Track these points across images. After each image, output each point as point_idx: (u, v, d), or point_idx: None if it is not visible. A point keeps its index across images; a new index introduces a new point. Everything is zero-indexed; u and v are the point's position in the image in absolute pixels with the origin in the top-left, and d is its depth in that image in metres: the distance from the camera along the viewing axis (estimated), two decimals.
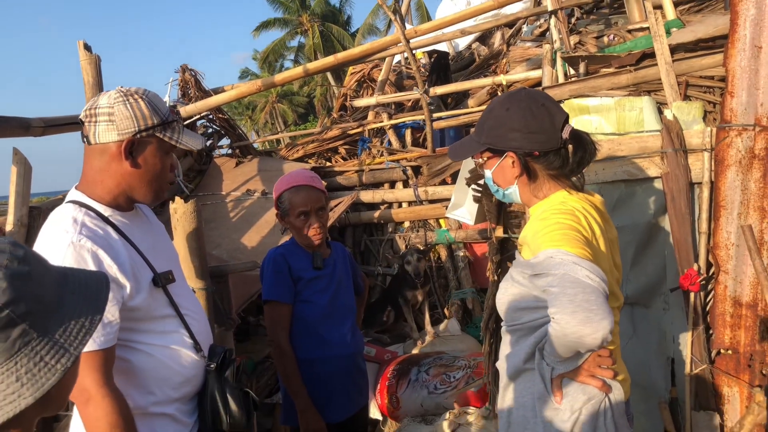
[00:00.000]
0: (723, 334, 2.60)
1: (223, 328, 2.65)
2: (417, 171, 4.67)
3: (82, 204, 1.51)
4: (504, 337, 1.75)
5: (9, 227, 2.94)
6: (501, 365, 1.75)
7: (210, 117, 5.47)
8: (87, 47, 3.37)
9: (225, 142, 5.76)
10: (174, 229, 2.40)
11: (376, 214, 4.72)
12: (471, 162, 3.10)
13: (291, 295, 2.30)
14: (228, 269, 2.88)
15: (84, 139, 1.52)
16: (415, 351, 3.78)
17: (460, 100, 5.54)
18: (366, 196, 4.74)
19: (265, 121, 38.15)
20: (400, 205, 4.71)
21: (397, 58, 6.12)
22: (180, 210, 2.39)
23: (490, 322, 2.76)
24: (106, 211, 1.52)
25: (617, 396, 1.57)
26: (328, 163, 5.29)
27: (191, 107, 4.85)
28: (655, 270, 2.74)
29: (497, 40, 6.29)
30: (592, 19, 4.76)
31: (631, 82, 2.88)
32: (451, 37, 5.49)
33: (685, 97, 2.76)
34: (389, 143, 5.09)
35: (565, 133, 1.61)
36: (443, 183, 4.51)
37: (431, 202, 4.52)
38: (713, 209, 2.61)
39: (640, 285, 2.76)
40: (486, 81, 4.95)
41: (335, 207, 4.41)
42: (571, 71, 3.37)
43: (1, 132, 2.86)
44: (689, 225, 2.63)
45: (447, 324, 4.06)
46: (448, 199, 4.03)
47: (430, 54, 6.40)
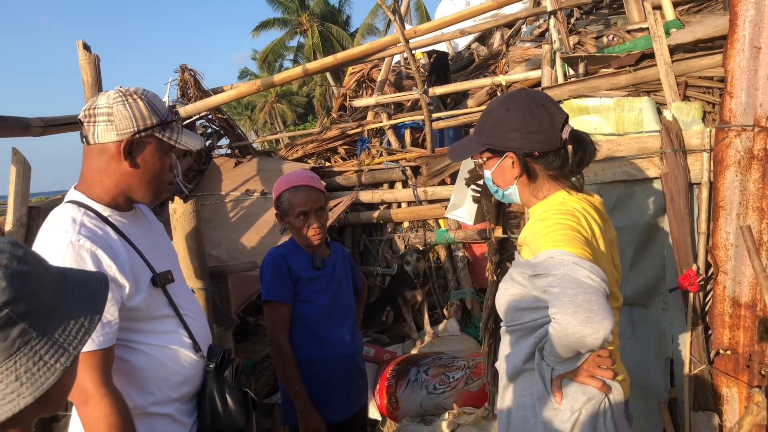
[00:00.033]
0: (722, 334, 2.60)
1: (223, 328, 2.65)
2: (416, 171, 4.67)
3: (81, 204, 1.51)
4: (503, 338, 1.75)
5: (8, 227, 2.94)
6: (500, 365, 1.75)
7: (209, 117, 5.47)
8: (86, 47, 3.37)
9: (224, 142, 5.76)
10: (173, 229, 2.40)
11: (375, 214, 4.72)
12: (470, 162, 3.11)
13: (290, 295, 2.30)
14: (227, 269, 2.87)
15: (83, 139, 1.52)
16: (415, 351, 3.78)
17: (459, 100, 5.54)
18: (365, 196, 4.74)
19: (265, 121, 38.14)
20: (399, 206, 4.71)
21: (397, 58, 6.12)
22: (179, 210, 2.39)
23: (489, 322, 2.76)
24: (105, 211, 1.52)
25: (617, 396, 1.58)
26: (327, 164, 5.29)
27: (191, 107, 4.85)
28: (654, 270, 2.74)
29: (496, 40, 6.29)
30: (591, 20, 4.76)
31: (631, 82, 2.89)
32: (451, 38, 5.50)
33: (685, 98, 2.77)
34: (388, 143, 5.09)
35: (565, 134, 1.61)
36: (442, 183, 4.51)
37: (430, 202, 4.52)
38: (712, 210, 2.62)
39: (639, 285, 2.76)
40: (485, 81, 4.95)
41: (334, 207, 4.41)
42: (571, 72, 3.37)
43: (1, 132, 2.86)
44: (688, 225, 2.63)
45: (446, 324, 4.06)
46: (447, 200, 4.03)
47: (429, 54, 6.39)
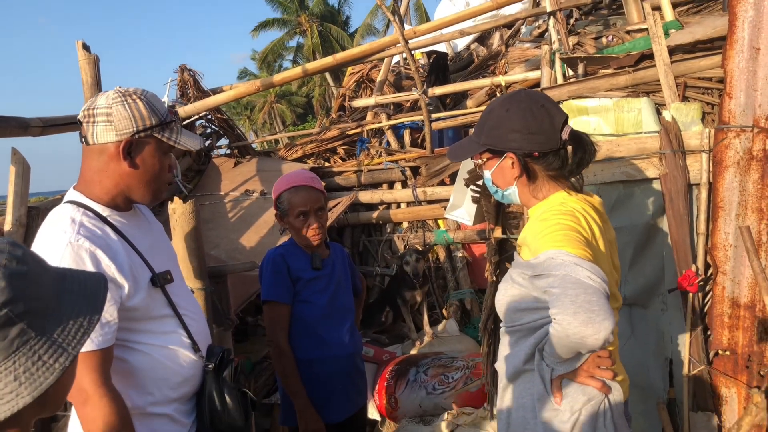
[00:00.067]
0: (721, 335, 2.60)
1: (222, 328, 2.65)
2: (416, 171, 4.67)
3: (80, 204, 1.51)
4: (503, 338, 1.75)
5: (7, 227, 2.94)
6: (500, 366, 1.74)
7: (209, 117, 5.46)
8: (85, 47, 3.36)
9: (223, 142, 5.75)
10: (172, 230, 2.40)
11: (374, 214, 4.72)
12: (470, 163, 3.11)
13: (290, 296, 2.30)
14: (226, 269, 2.87)
15: (82, 140, 1.52)
16: (414, 351, 3.78)
17: (458, 100, 5.54)
18: (364, 196, 4.74)
19: (264, 122, 38.13)
20: (398, 206, 4.71)
21: (396, 58, 6.12)
22: (178, 210, 2.39)
23: (488, 322, 2.76)
24: (104, 212, 1.52)
25: (617, 397, 1.58)
26: (326, 164, 5.29)
27: (190, 107, 4.85)
28: (654, 271, 2.74)
29: (496, 40, 6.29)
30: (590, 20, 4.76)
31: (630, 83, 2.89)
32: (450, 38, 5.50)
33: (684, 99, 2.77)
34: (388, 144, 5.09)
35: (565, 134, 1.61)
36: (442, 184, 4.51)
37: (430, 202, 4.52)
38: (711, 210, 2.62)
39: (638, 286, 2.76)
40: (485, 82, 4.95)
41: (334, 207, 4.41)
42: (570, 72, 3.37)
43: (0, 132, 2.86)
44: (687, 226, 2.63)
45: (445, 324, 4.06)
46: (446, 200, 4.03)
47: (428, 54, 6.39)
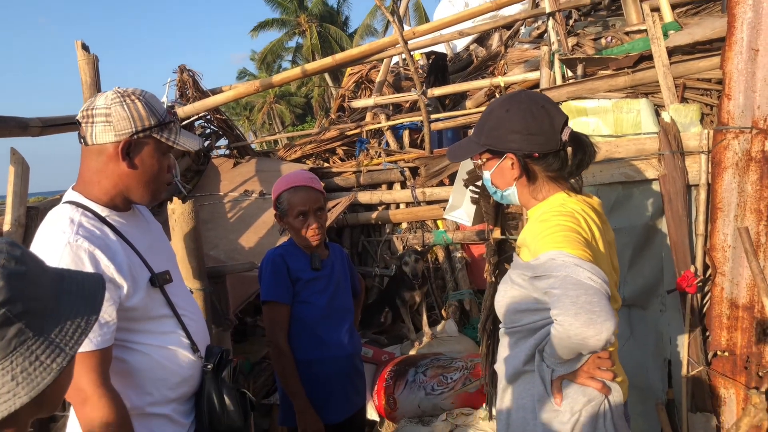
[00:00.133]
0: (720, 335, 2.60)
1: (221, 328, 2.65)
2: (415, 172, 4.67)
3: (79, 204, 1.51)
4: (502, 339, 1.75)
5: (6, 227, 2.93)
6: (500, 367, 1.74)
7: (208, 117, 5.46)
8: (85, 47, 3.36)
9: (223, 142, 5.75)
10: (171, 230, 2.40)
11: (373, 215, 4.72)
12: (469, 163, 3.11)
13: (289, 296, 2.30)
14: (225, 270, 2.87)
15: (81, 140, 1.52)
16: (413, 352, 3.78)
17: (457, 101, 5.54)
18: (364, 197, 4.74)
19: (263, 122, 38.12)
20: (397, 206, 4.71)
21: (395, 59, 6.12)
22: (178, 210, 2.39)
23: (487, 323, 2.76)
24: (103, 212, 1.52)
25: (617, 398, 1.58)
26: (325, 164, 5.29)
27: (189, 108, 4.84)
28: (652, 272, 2.75)
29: (495, 41, 6.29)
30: (589, 21, 4.76)
31: (629, 84, 2.89)
32: (449, 39, 5.51)
33: (683, 100, 2.77)
34: (387, 144, 5.09)
35: (565, 135, 1.61)
36: (441, 184, 4.51)
37: (429, 203, 4.51)
38: (710, 211, 2.62)
39: (637, 287, 2.76)
40: (484, 82, 4.95)
41: (333, 208, 4.41)
42: (569, 73, 3.38)
43: None
44: (686, 227, 2.64)
45: (444, 325, 4.06)
46: (445, 201, 4.03)
47: (428, 55, 6.39)
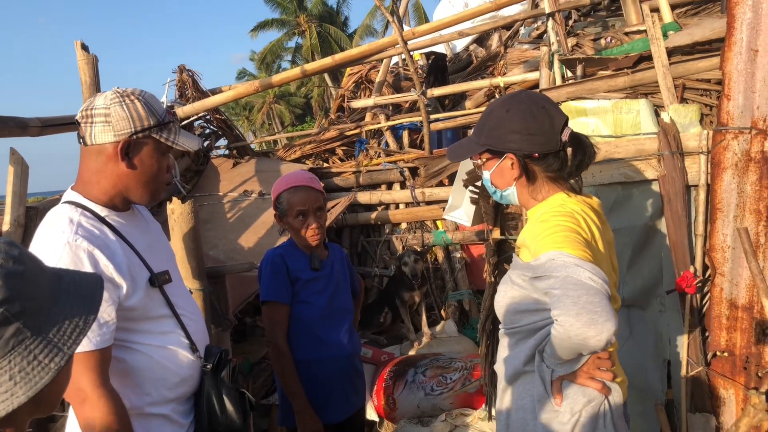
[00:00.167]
0: (719, 336, 2.60)
1: (220, 328, 2.65)
2: (414, 172, 4.67)
3: (78, 204, 1.51)
4: (502, 340, 1.75)
5: (6, 227, 2.94)
6: (499, 368, 1.74)
7: (207, 117, 5.46)
8: (84, 47, 3.36)
9: (222, 142, 5.75)
10: (171, 230, 2.40)
11: (373, 215, 4.72)
12: (468, 163, 3.11)
13: (289, 296, 2.30)
14: (225, 270, 2.87)
15: (80, 140, 1.52)
16: (412, 352, 3.78)
17: (457, 101, 5.55)
18: (363, 197, 4.74)
19: (263, 122, 38.12)
20: (397, 207, 4.71)
21: (395, 59, 6.12)
22: (177, 210, 2.39)
23: (487, 323, 2.76)
24: (102, 212, 1.52)
25: (616, 398, 1.57)
26: (325, 164, 5.29)
27: (189, 108, 4.84)
28: (652, 272, 2.75)
29: (495, 42, 6.29)
30: (589, 22, 4.76)
31: (628, 84, 2.89)
32: (449, 39, 5.51)
33: (682, 100, 2.77)
34: (386, 144, 5.10)
35: (565, 136, 1.61)
36: (440, 184, 4.51)
37: (428, 203, 4.52)
38: (709, 212, 2.62)
39: (636, 287, 2.76)
40: (483, 83, 4.96)
41: (332, 208, 4.41)
42: (569, 73, 3.38)
43: None
44: (685, 227, 2.64)
45: (444, 325, 4.06)
46: (445, 201, 4.03)
47: (427, 55, 6.40)
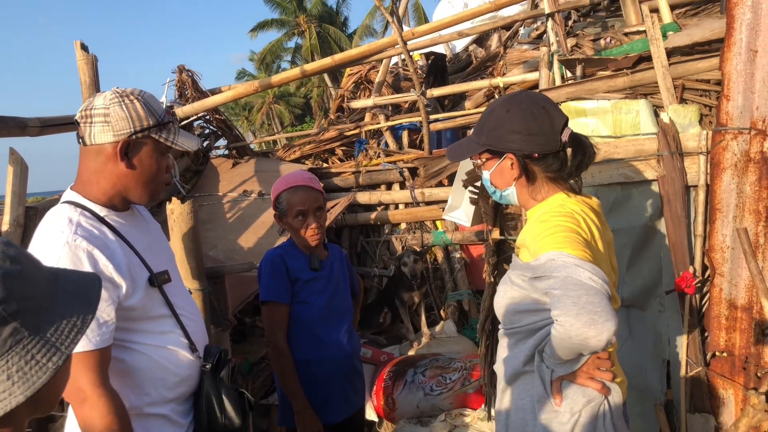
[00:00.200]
0: (718, 336, 2.60)
1: (220, 328, 2.65)
2: (414, 173, 4.67)
3: (77, 204, 1.50)
4: (502, 340, 1.75)
5: (5, 227, 2.94)
6: (499, 368, 1.74)
7: (207, 118, 5.47)
8: (84, 47, 3.36)
9: (222, 142, 5.76)
10: (170, 230, 2.40)
11: (372, 215, 4.72)
12: (468, 164, 3.11)
13: (288, 296, 2.30)
14: (224, 270, 2.87)
15: (79, 140, 1.52)
16: (412, 353, 3.78)
17: (457, 102, 5.55)
18: (363, 197, 4.74)
19: (262, 122, 38.12)
20: (396, 207, 4.71)
21: (395, 59, 6.13)
22: (176, 211, 2.39)
23: (486, 323, 2.76)
24: (101, 212, 1.52)
25: (616, 398, 1.57)
26: (324, 165, 5.29)
27: (188, 108, 4.84)
28: (651, 272, 2.75)
29: (494, 42, 6.30)
30: (588, 22, 4.76)
31: (628, 85, 2.89)
32: (449, 39, 5.51)
33: (682, 101, 2.77)
34: (386, 145, 5.10)
35: (565, 136, 1.61)
36: (440, 185, 4.51)
37: (428, 203, 4.52)
38: (709, 212, 2.62)
39: (635, 287, 2.76)
40: (483, 83, 4.96)
41: (332, 208, 4.41)
42: (568, 74, 3.38)
43: None
44: (685, 228, 2.64)
45: (443, 326, 4.06)
46: (444, 201, 4.03)
47: (427, 56, 6.40)
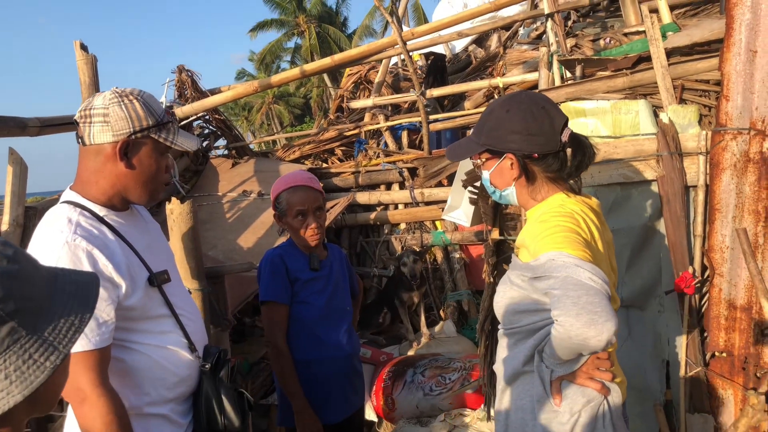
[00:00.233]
0: (717, 336, 2.60)
1: (219, 328, 2.65)
2: (413, 173, 4.67)
3: (76, 204, 1.50)
4: (501, 340, 1.75)
5: (5, 227, 2.93)
6: (499, 368, 1.74)
7: (206, 118, 5.46)
8: (83, 47, 3.36)
9: (221, 142, 5.75)
10: (170, 230, 2.40)
11: (372, 215, 4.72)
12: (467, 164, 3.11)
13: (288, 296, 2.30)
14: (224, 270, 2.87)
15: (79, 140, 1.52)
16: (411, 353, 3.78)
17: (456, 102, 5.55)
18: (362, 197, 4.73)
19: (262, 122, 38.12)
20: (396, 207, 4.71)
21: (394, 60, 6.13)
22: (176, 211, 2.39)
23: (485, 323, 2.76)
24: (101, 212, 1.52)
25: (616, 398, 1.57)
26: (324, 165, 5.29)
27: (188, 108, 4.84)
28: (651, 273, 2.75)
29: (494, 42, 6.29)
30: (588, 23, 4.77)
31: (627, 85, 2.89)
32: (448, 40, 5.51)
33: (681, 101, 2.77)
34: (386, 145, 5.10)
35: (565, 137, 1.61)
36: (439, 185, 4.51)
37: (427, 203, 4.52)
38: (708, 212, 2.62)
39: (635, 287, 2.76)
40: (482, 83, 4.96)
41: (331, 208, 4.40)
42: (568, 74, 3.38)
43: None
44: (684, 228, 2.64)
45: (443, 326, 4.06)
46: (444, 201, 4.03)
47: (426, 56, 6.40)
